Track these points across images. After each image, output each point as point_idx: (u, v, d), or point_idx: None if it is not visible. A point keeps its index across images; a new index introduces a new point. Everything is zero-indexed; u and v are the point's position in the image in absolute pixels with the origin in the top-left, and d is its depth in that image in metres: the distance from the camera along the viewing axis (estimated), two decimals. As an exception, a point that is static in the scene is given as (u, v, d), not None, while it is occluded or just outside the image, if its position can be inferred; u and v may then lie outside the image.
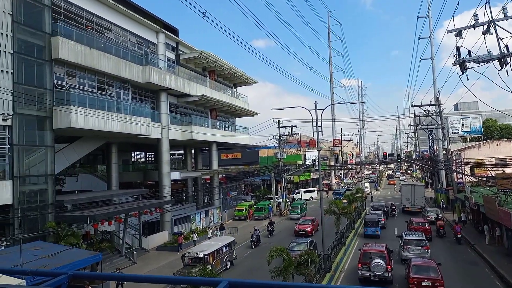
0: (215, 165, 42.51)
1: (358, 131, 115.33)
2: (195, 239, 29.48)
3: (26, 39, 21.09)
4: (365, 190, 56.93)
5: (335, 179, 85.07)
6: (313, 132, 25.35)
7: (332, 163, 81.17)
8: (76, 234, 20.87)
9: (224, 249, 23.14)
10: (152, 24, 32.48)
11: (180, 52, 37.05)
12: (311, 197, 59.38)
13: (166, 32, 34.42)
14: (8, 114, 19.57)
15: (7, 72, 19.60)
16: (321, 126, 24.34)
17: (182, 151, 50.05)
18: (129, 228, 27.39)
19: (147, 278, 2.31)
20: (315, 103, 24.80)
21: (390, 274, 19.60)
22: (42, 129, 21.75)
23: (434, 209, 40.03)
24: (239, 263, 24.75)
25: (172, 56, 36.01)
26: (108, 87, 27.17)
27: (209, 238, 29.62)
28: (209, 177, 45.17)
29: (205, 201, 43.22)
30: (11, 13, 19.92)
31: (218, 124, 43.48)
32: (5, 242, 19.38)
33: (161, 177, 32.65)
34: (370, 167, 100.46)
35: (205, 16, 21.55)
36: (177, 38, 36.58)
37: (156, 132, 31.18)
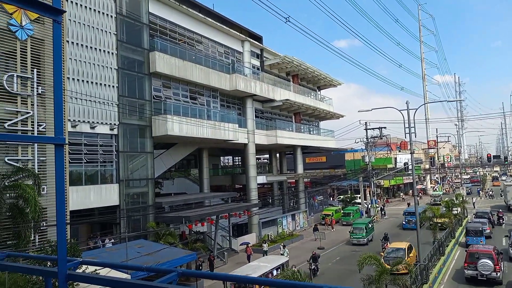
0: (300, 169, 42.40)
1: (457, 131, 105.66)
2: (265, 249, 27.41)
3: (128, 55, 23.40)
4: (465, 197, 51.80)
5: (431, 183, 78.95)
6: (405, 133, 23.85)
7: (427, 166, 75.53)
8: (173, 234, 22.42)
9: (274, 273, 19.70)
10: (238, 33, 33.74)
11: (264, 58, 37.87)
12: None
13: (251, 40, 35.47)
14: (115, 124, 21.85)
15: (113, 86, 21.93)
16: (413, 127, 22.84)
17: (267, 155, 50.91)
18: (220, 229, 28.60)
19: (248, 279, 2.33)
20: (406, 103, 23.37)
21: (498, 274, 19.46)
22: (143, 137, 23.89)
23: None
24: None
25: (256, 63, 36.95)
26: (199, 96, 28.85)
27: (281, 255, 25.50)
28: (294, 181, 45.21)
29: (291, 204, 43.28)
30: (116, 33, 22.29)
31: (302, 127, 43.37)
32: (112, 240, 21.63)
33: (248, 181, 33.57)
34: (471, 171, 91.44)
35: (289, 21, 21.68)
36: (261, 45, 37.46)
37: (242, 137, 32.19)
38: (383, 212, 46.92)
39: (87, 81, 20.53)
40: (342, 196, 52.40)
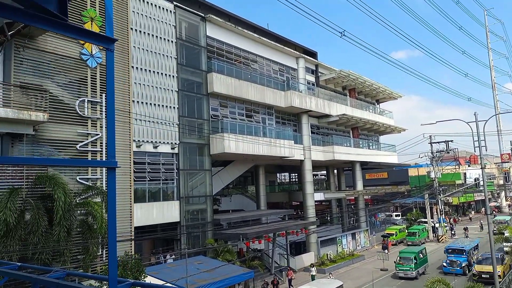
0: (359, 186, 40.94)
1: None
2: (313, 273, 25.83)
3: (187, 77, 24.47)
4: None
5: (507, 200, 72.17)
6: (474, 147, 22.19)
7: (501, 182, 69.30)
8: (231, 251, 22.59)
9: None
10: (293, 50, 33.95)
11: (319, 73, 37.62)
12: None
13: (306, 56, 35.49)
14: (175, 143, 22.79)
15: (174, 107, 22.98)
16: (484, 139, 21.22)
17: (324, 172, 49.92)
18: (277, 247, 28.31)
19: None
20: (475, 114, 21.82)
21: None
22: (201, 155, 24.62)
23: None
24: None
25: (311, 78, 36.78)
26: (254, 113, 29.25)
27: (312, 276, 25.31)
28: (353, 198, 43.72)
29: (351, 223, 41.76)
30: (176, 57, 23.47)
31: (360, 143, 42.07)
32: (173, 256, 22.26)
33: (305, 198, 33.05)
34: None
35: (344, 35, 21.39)
36: (316, 61, 37.31)
37: (298, 153, 31.92)
38: (452, 232, 43.62)
39: (150, 103, 21.72)
40: (408, 215, 49.53)
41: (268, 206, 34.70)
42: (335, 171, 45.54)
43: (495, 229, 34.85)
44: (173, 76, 23.14)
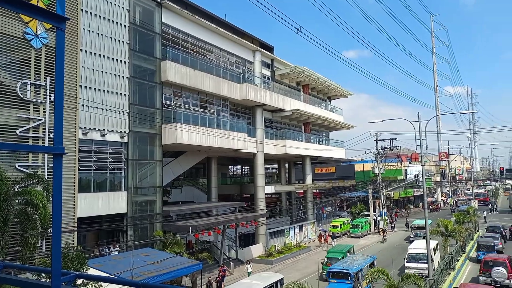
0: (308, 180, 42.13)
1: (469, 143, 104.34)
2: (250, 270, 25.06)
3: (140, 64, 23.64)
4: (476, 211, 50.71)
5: (442, 196, 77.77)
6: (416, 145, 23.59)
7: (438, 179, 74.50)
8: (179, 243, 22.33)
9: None
10: (249, 43, 33.94)
11: (275, 68, 37.99)
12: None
13: (262, 50, 35.64)
14: (125, 132, 22.01)
15: (124, 94, 22.14)
16: (425, 138, 22.63)
17: (276, 165, 50.75)
18: (227, 239, 28.44)
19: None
20: (418, 114, 23.13)
21: (511, 281, 20.93)
22: (152, 145, 23.99)
23: None
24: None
25: (267, 72, 37.05)
26: (209, 105, 28.97)
27: (249, 272, 24.61)
28: (302, 191, 44.90)
29: (299, 215, 42.89)
30: (128, 42, 22.57)
31: (311, 138, 43.19)
32: (118, 248, 21.60)
33: (256, 190, 33.42)
34: (482, 184, 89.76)
35: (300, 31, 21.74)
36: (272, 55, 37.61)
37: (251, 146, 32.15)
38: (392, 225, 46.24)
39: (99, 89, 20.76)
40: (352, 208, 51.75)
41: (220, 198, 34.67)
42: (286, 164, 46.42)
43: (412, 234, 36.03)
44: (124, 62, 22.26)
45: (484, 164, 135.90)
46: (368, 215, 45.76)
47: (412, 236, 35.86)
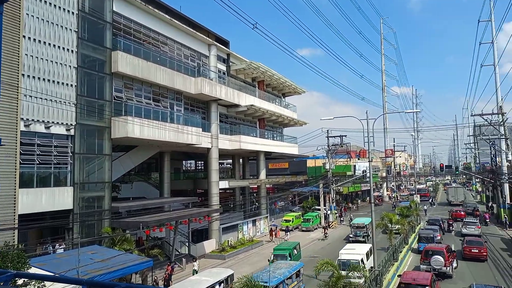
0: (262, 175, 42.63)
1: (413, 141, 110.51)
2: (196, 268, 24.36)
3: (89, 54, 22.58)
4: (418, 205, 54.07)
5: (387, 191, 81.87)
6: (364, 142, 24.68)
7: (384, 174, 78.28)
8: (129, 240, 21.74)
9: (217, 287, 18.04)
10: (205, 37, 33.52)
11: (230, 63, 37.86)
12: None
13: (218, 44, 35.36)
14: (71, 125, 20.98)
15: (71, 85, 21.06)
16: (372, 136, 23.70)
17: (230, 160, 50.80)
18: (179, 235, 28.11)
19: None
20: (366, 113, 24.15)
21: (448, 268, 22.83)
22: (101, 139, 23.06)
23: (472, 203, 59.21)
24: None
25: (223, 67, 36.86)
26: (162, 98, 28.32)
27: (195, 270, 23.98)
28: (256, 186, 45.36)
29: (253, 210, 43.34)
30: (76, 30, 21.46)
31: (266, 134, 43.67)
32: (63, 245, 20.65)
33: (210, 186, 33.28)
34: (424, 180, 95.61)
35: (256, 27, 21.82)
36: (228, 50, 37.44)
37: (206, 141, 31.93)
38: (341, 219, 48.04)
39: (44, 79, 19.59)
40: (304, 203, 53.09)
41: (172, 193, 34.14)
42: (241, 160, 46.62)
43: (352, 234, 34.41)
44: (72, 51, 21.16)
45: (426, 161, 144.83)
46: (319, 210, 47.18)
47: (351, 235, 34.31)
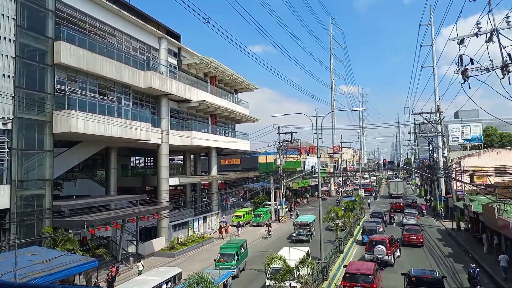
0: (214, 171, 42.50)
1: (358, 138, 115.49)
2: (141, 268, 23.54)
3: (29, 43, 21.15)
4: (363, 199, 56.76)
5: (334, 185, 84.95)
6: (313, 138, 25.46)
7: (332, 170, 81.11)
8: (72, 240, 20.75)
9: (164, 286, 17.59)
10: (155, 30, 32.62)
11: (182, 57, 37.18)
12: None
13: (169, 37, 34.57)
14: (8, 118, 19.57)
15: (8, 76, 19.64)
16: (321, 132, 24.53)
17: (181, 157, 50.05)
18: (126, 233, 27.31)
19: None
20: (315, 110, 24.89)
21: (390, 257, 24.43)
22: (41, 134, 21.73)
23: (412, 196, 65.19)
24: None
25: (174, 61, 36.12)
26: (109, 92, 27.21)
27: (140, 271, 23.28)
28: (208, 182, 45.12)
29: (204, 206, 43.09)
30: (15, 17, 20.00)
31: (218, 130, 43.53)
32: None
33: (159, 183, 32.60)
34: (368, 175, 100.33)
35: (208, 22, 21.64)
36: (179, 44, 36.73)
37: (156, 137, 31.19)
38: (291, 213, 49.19)
39: (-25, 68, 18.06)
40: (255, 198, 53.68)
41: (120, 191, 33.01)
42: (192, 156, 46.13)
43: (295, 233, 32.90)
44: (9, 40, 19.70)
45: (370, 157, 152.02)
46: (270, 205, 47.98)
47: (294, 234, 32.92)
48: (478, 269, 19.84)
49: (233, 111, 43.76)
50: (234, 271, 22.33)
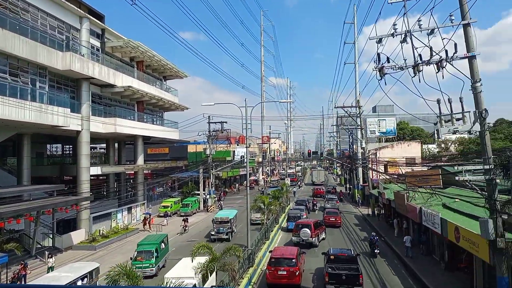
0: (140, 160, 41.02)
1: (286, 129, 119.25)
2: (51, 265, 21.62)
3: None
4: (289, 187, 59.04)
5: (262, 175, 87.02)
6: (242, 128, 25.77)
7: (260, 159, 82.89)
8: (-23, 234, 18.77)
9: (79, 283, 16.53)
10: (76, 8, 30.24)
11: (106, 39, 35.00)
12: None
13: (91, 17, 32.29)
14: None
15: None
16: (250, 123, 24.83)
17: (104, 145, 47.48)
18: (42, 226, 25.36)
19: None
20: (245, 101, 25.18)
21: (314, 239, 26.73)
22: None
23: (332, 183, 74.50)
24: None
25: (96, 43, 33.89)
26: (22, 73, 24.75)
27: (50, 268, 21.44)
28: (133, 172, 43.48)
29: (129, 197, 41.45)
30: None
31: (145, 117, 41.98)
32: None
33: (79, 172, 30.65)
34: (294, 165, 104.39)
35: (135, 4, 20.63)
36: (103, 24, 34.51)
37: (75, 123, 29.21)
38: (220, 203, 49.45)
39: None
40: (183, 188, 52.93)
41: (34, 181, 30.35)
42: (116, 144, 43.99)
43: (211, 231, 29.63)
44: None
45: (297, 147, 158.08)
46: (198, 194, 47.72)
47: (213, 232, 29.41)
48: (377, 237, 25.51)
49: (162, 99, 42.47)
50: (153, 269, 20.63)
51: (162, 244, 23.05)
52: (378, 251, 24.37)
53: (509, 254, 12.81)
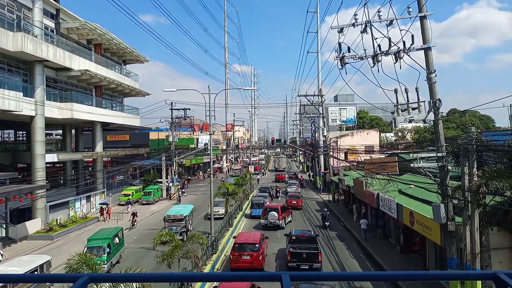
0: (99, 147, 39.69)
1: (250, 116, 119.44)
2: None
3: None
4: (252, 175, 59.36)
5: (227, 163, 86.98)
6: (206, 116, 25.50)
7: (224, 147, 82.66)
8: None
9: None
10: (26, -16, 28.37)
11: (61, 20, 33.19)
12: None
13: (44, -5, 30.42)
14: None
15: None
16: (214, 110, 24.69)
17: (61, 131, 45.46)
18: (-7, 216, 24.09)
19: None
20: (208, 87, 24.92)
21: (281, 222, 28.24)
22: None
23: (295, 170, 77.29)
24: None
25: (51, 24, 32.08)
26: (-34, 52, 23.04)
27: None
28: (92, 160, 42.04)
29: (87, 185, 40.10)
30: None
31: (104, 103, 40.49)
32: None
33: (33, 159, 29.22)
34: (258, 152, 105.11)
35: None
36: (57, 4, 32.67)
37: (28, 108, 27.70)
38: (183, 190, 49.01)
39: None
40: (145, 176, 51.86)
41: (-17, 168, 28.67)
42: (73, 131, 42.24)
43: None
44: None
45: (261, 135, 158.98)
46: (161, 182, 47.00)
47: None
48: (328, 212, 30.72)
49: (121, 84, 41.09)
50: (104, 267, 18.54)
51: (116, 238, 21.12)
52: (328, 223, 28.77)
53: (459, 236, 13.69)
